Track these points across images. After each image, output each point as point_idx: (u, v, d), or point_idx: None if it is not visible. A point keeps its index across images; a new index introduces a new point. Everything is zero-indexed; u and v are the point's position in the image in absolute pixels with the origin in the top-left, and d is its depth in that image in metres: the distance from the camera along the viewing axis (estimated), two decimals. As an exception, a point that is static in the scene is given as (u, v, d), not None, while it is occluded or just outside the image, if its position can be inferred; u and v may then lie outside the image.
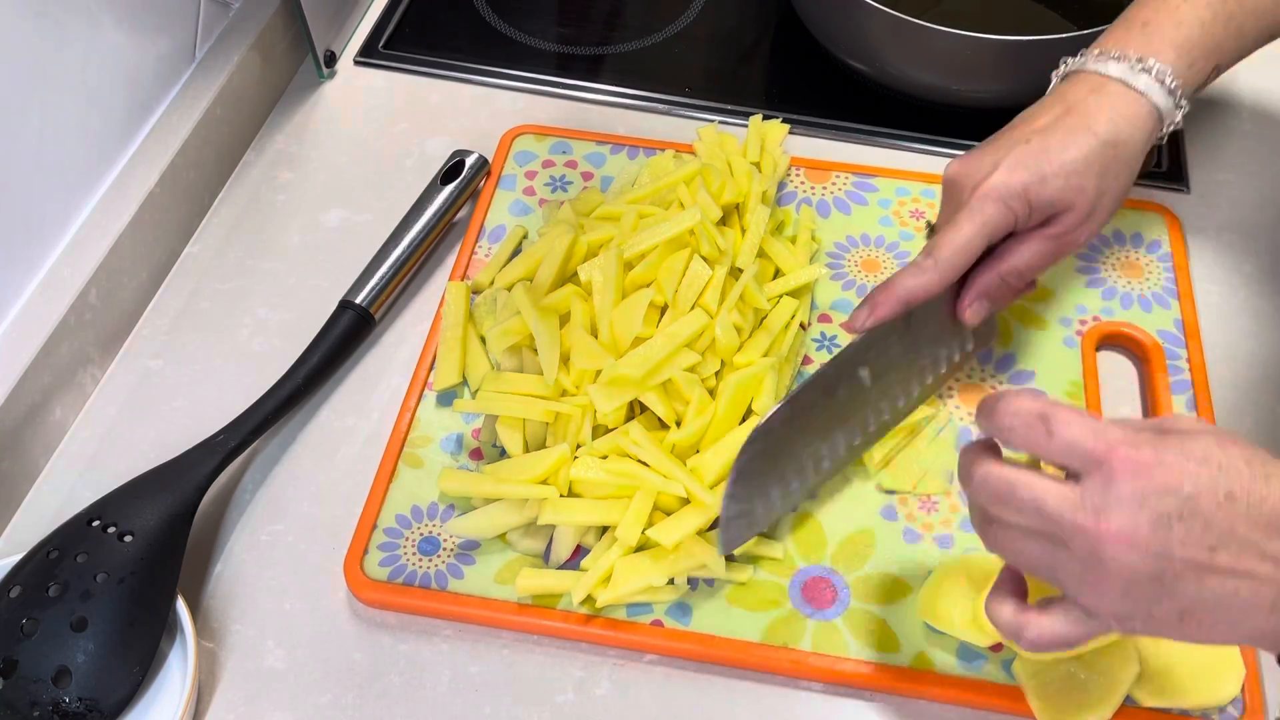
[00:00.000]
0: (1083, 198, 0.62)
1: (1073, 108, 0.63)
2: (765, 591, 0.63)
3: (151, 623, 0.60)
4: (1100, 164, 0.62)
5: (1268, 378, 0.74)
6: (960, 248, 0.61)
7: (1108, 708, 0.58)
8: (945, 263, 0.61)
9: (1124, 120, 0.63)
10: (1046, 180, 0.61)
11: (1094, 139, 0.62)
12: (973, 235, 0.61)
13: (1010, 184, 0.61)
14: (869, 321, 0.62)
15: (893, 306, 0.62)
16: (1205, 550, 0.46)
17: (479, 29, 0.96)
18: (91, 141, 0.73)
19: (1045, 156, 0.61)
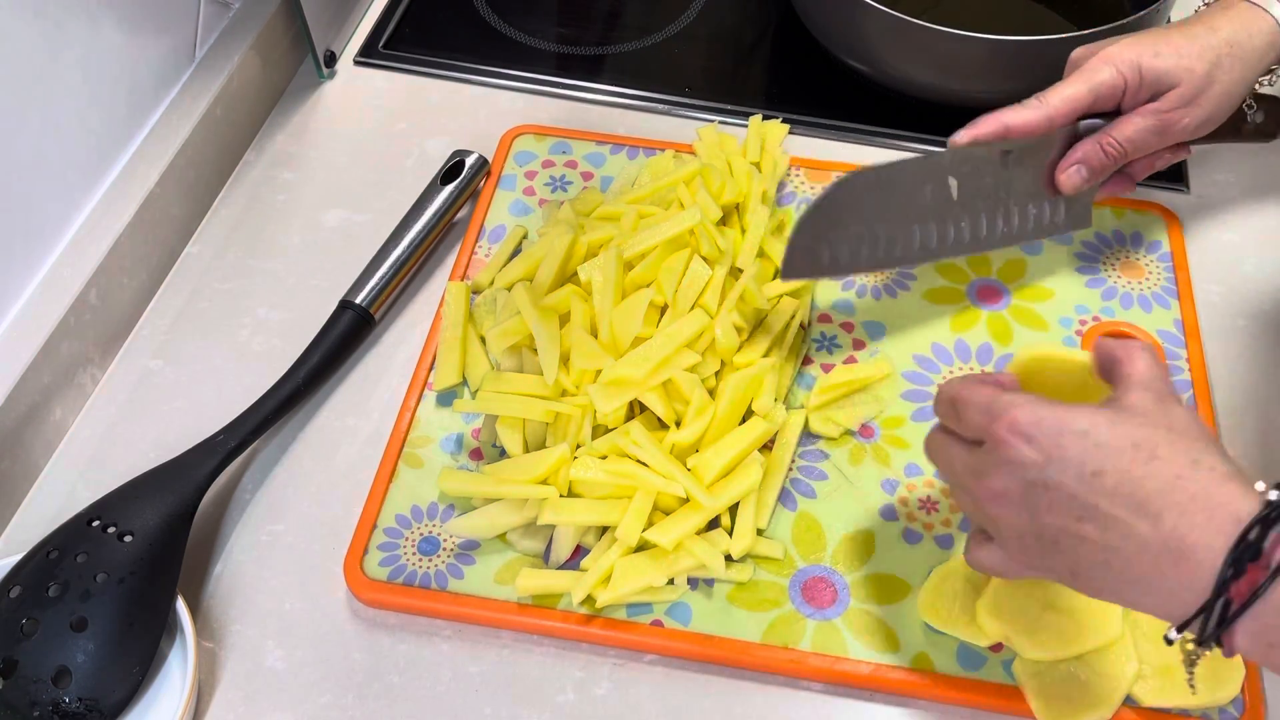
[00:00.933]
0: (1190, 77, 0.67)
1: (1203, 16, 0.69)
2: (765, 591, 0.63)
3: (151, 623, 0.60)
4: (1214, 54, 0.67)
5: (1268, 378, 0.74)
6: (1068, 97, 0.67)
7: (1108, 708, 0.58)
8: (1051, 105, 0.66)
9: (1243, 27, 0.68)
10: (1160, 55, 0.67)
11: (1211, 34, 0.68)
12: (1082, 89, 0.67)
13: (1126, 53, 0.67)
14: (968, 137, 0.67)
15: (993, 129, 0.67)
16: (1073, 520, 0.49)
17: (479, 29, 0.96)
18: (91, 141, 0.73)
19: (1164, 38, 0.67)
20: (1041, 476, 0.49)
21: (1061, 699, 0.59)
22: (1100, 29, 0.80)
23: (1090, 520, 0.48)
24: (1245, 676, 0.59)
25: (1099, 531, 0.48)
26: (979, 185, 0.68)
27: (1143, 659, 0.60)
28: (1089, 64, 0.68)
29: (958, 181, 0.67)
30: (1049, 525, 0.49)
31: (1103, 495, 0.48)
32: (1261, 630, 0.45)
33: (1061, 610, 0.60)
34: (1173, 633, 0.48)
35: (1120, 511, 0.48)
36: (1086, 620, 0.59)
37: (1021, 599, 0.60)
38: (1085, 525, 0.48)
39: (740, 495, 0.64)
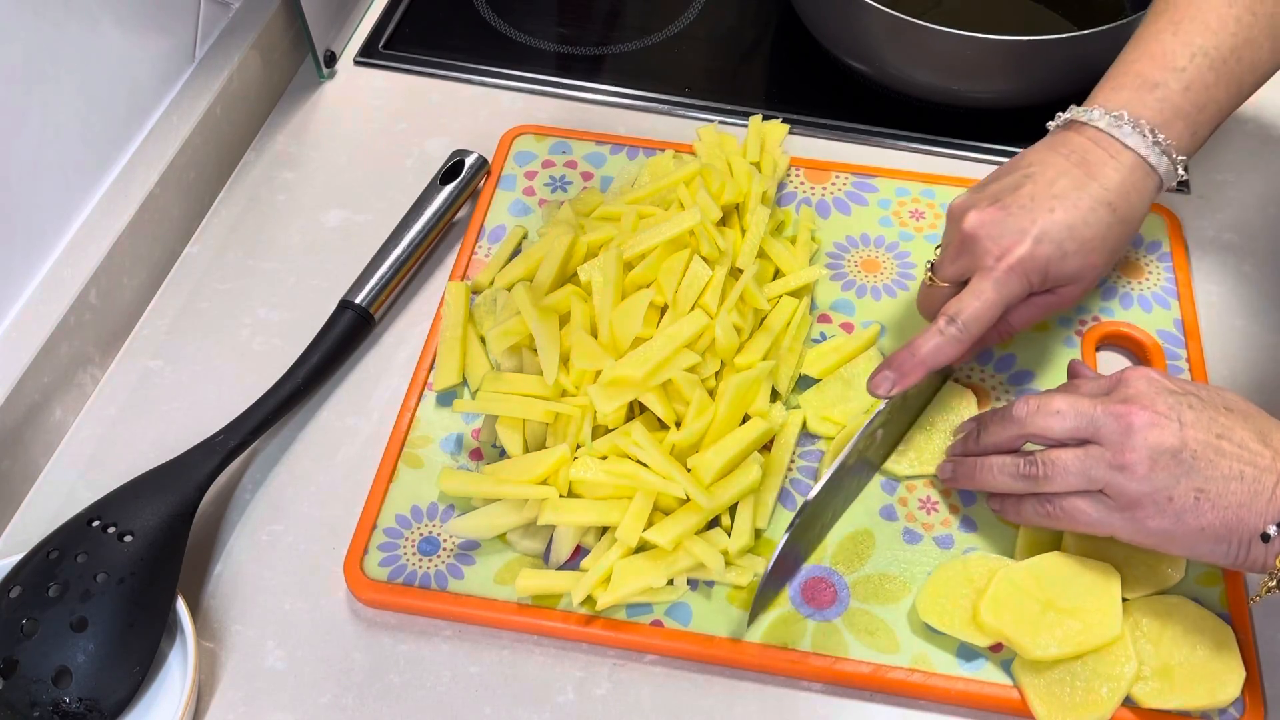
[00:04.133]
0: (1092, 274, 0.65)
1: (1092, 173, 0.64)
2: (765, 591, 0.63)
3: (151, 623, 0.60)
4: (1113, 240, 0.65)
5: (1268, 378, 0.74)
6: (984, 319, 0.63)
7: (1108, 708, 0.58)
8: (970, 330, 0.63)
9: (1135, 194, 0.65)
10: (1067, 257, 0.64)
11: (1111, 214, 0.64)
12: (997, 306, 0.64)
13: (1036, 259, 0.63)
14: (895, 390, 0.64)
15: (919, 373, 0.64)
16: (1213, 436, 0.56)
17: (479, 29, 0.96)
18: (91, 141, 0.73)
19: (1069, 232, 0.63)
20: (1184, 399, 0.57)
21: (1061, 699, 0.59)
22: (1100, 29, 0.80)
23: (1228, 439, 0.56)
24: (1245, 678, 0.59)
25: (1235, 447, 0.56)
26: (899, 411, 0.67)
27: (1143, 659, 0.60)
28: (998, 272, 0.63)
29: (883, 431, 0.66)
30: (1191, 437, 0.56)
31: (1234, 421, 0.57)
32: None
33: (1062, 610, 0.60)
34: (1272, 528, 0.55)
35: (1248, 436, 0.56)
36: (1087, 620, 0.59)
37: (1022, 599, 0.60)
38: (1224, 442, 0.56)
39: (739, 495, 0.64)
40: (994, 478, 0.62)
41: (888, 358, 0.65)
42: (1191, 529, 0.56)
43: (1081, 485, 0.58)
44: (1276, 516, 0.55)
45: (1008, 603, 0.60)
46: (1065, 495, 0.59)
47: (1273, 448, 0.56)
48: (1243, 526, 0.55)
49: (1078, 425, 0.58)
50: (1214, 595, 0.63)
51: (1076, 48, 0.82)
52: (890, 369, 0.64)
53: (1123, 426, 0.57)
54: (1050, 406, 0.60)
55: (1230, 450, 0.56)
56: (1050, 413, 0.59)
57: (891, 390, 0.64)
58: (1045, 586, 0.61)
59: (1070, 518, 0.60)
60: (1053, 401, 0.60)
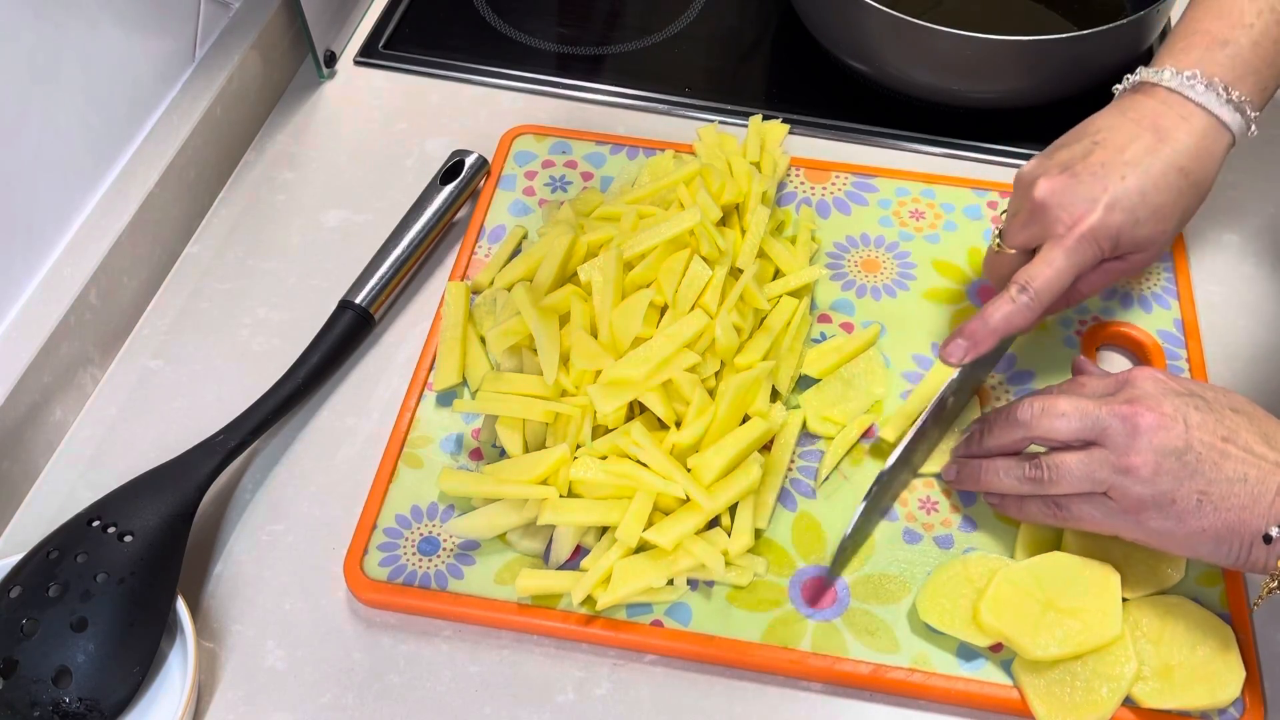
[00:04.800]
0: (1164, 239, 0.65)
1: (1163, 137, 0.63)
2: (765, 591, 0.63)
3: (151, 623, 0.60)
4: (1185, 204, 0.64)
5: (1268, 378, 0.74)
6: (1057, 284, 0.63)
7: (1108, 708, 0.58)
8: (1042, 298, 0.63)
9: (1208, 156, 0.64)
10: (1140, 224, 0.63)
11: (1183, 179, 0.63)
12: (1069, 272, 0.63)
13: (1109, 226, 0.62)
14: (969, 356, 0.64)
15: (992, 340, 0.64)
16: (1219, 439, 0.56)
17: (479, 29, 0.96)
18: (91, 141, 0.73)
19: (1141, 198, 0.62)
20: (1190, 401, 0.57)
21: (1061, 699, 0.59)
22: (1100, 29, 0.80)
23: (1233, 441, 0.56)
24: (1245, 678, 0.59)
25: (1240, 450, 0.56)
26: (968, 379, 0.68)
27: (1143, 659, 0.60)
28: (1070, 240, 0.62)
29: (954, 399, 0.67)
30: (1197, 439, 0.56)
31: (1240, 423, 0.57)
32: None
33: (1062, 610, 0.60)
34: (1274, 529, 0.55)
35: (1254, 438, 0.56)
36: (1087, 620, 0.59)
37: (1022, 599, 0.60)
38: (1229, 445, 0.56)
39: (739, 495, 0.64)
40: (999, 480, 0.62)
41: (960, 326, 0.64)
42: (1193, 530, 0.56)
43: (1086, 488, 0.58)
44: (1278, 519, 0.55)
45: (1008, 603, 0.60)
46: (1069, 496, 0.60)
47: (1277, 450, 0.56)
48: (1245, 528, 0.55)
49: (1082, 427, 0.58)
50: (1214, 595, 0.63)
51: (1076, 48, 0.82)
52: (963, 337, 0.64)
53: (1128, 429, 0.57)
54: (1055, 409, 0.59)
55: (1235, 453, 0.56)
56: (1055, 415, 0.59)
57: (965, 358, 0.64)
58: (1045, 586, 0.61)
59: (1074, 518, 0.60)
60: (1057, 404, 0.59)
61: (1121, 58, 0.86)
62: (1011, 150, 0.86)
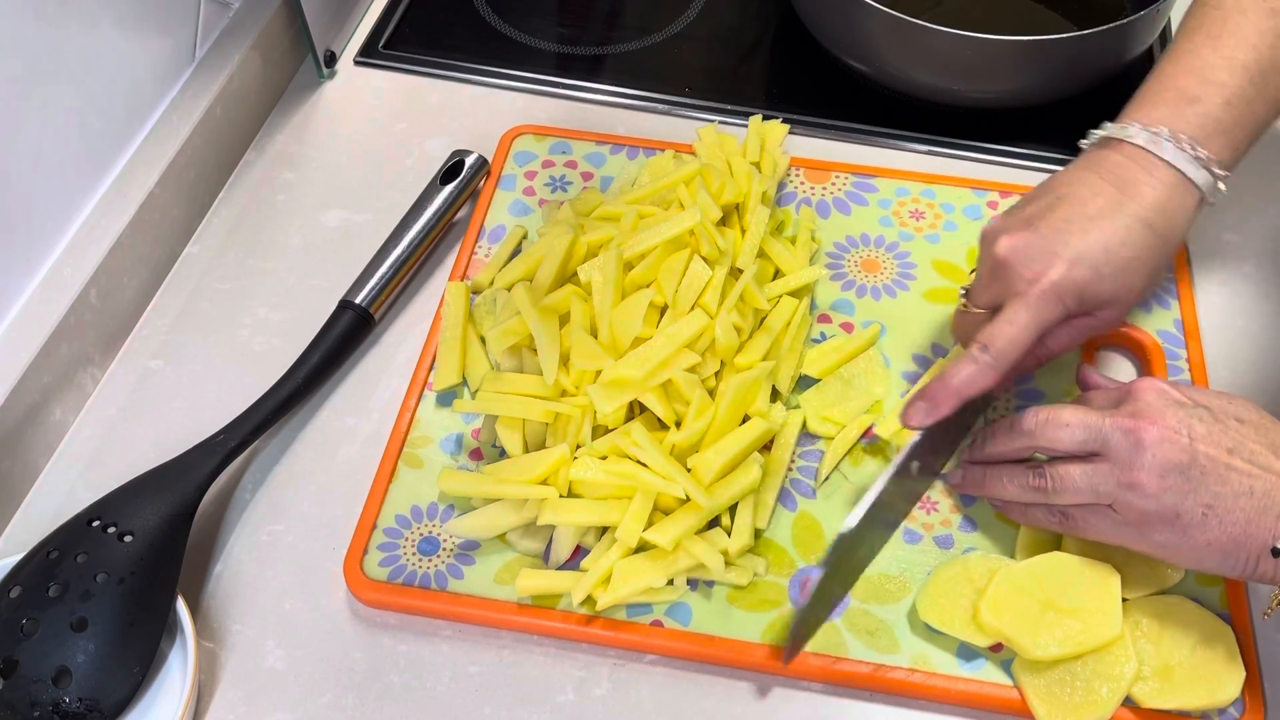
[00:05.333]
0: (1131, 295, 0.63)
1: (1129, 193, 0.62)
2: (765, 591, 0.63)
3: (151, 623, 0.60)
4: (1151, 260, 0.62)
5: (1268, 378, 0.74)
6: (1019, 345, 0.61)
7: (1108, 708, 0.58)
8: (1003, 359, 0.61)
9: (1175, 212, 0.63)
10: (1104, 280, 0.61)
11: (1148, 233, 0.62)
12: (1031, 332, 0.61)
13: (1072, 281, 0.61)
14: (929, 419, 0.62)
15: (953, 403, 0.62)
16: (1224, 451, 0.56)
17: (479, 29, 0.96)
18: (91, 141, 0.73)
19: (1105, 255, 0.61)
20: (1195, 412, 0.57)
21: (1061, 699, 0.59)
22: (1100, 29, 0.80)
23: (1238, 453, 0.56)
24: (1245, 678, 0.59)
25: (1245, 462, 0.55)
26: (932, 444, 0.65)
27: (1143, 659, 0.60)
28: (1031, 297, 0.61)
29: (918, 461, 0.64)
30: (1201, 453, 0.55)
31: (1246, 434, 0.56)
32: None
33: (1062, 610, 0.60)
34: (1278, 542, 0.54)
35: (1260, 448, 0.56)
36: (1087, 620, 0.59)
37: (1022, 599, 0.60)
38: (1234, 458, 0.56)
39: (739, 495, 0.64)
40: (1003, 487, 0.62)
41: (921, 389, 0.63)
42: (1199, 544, 0.56)
43: (1089, 500, 0.58)
44: None
45: (1008, 603, 0.60)
46: (1074, 505, 0.59)
47: None
48: (1251, 541, 0.55)
49: (1086, 439, 0.58)
50: (1214, 595, 0.63)
51: (1076, 48, 0.82)
52: (924, 400, 0.62)
53: (1132, 443, 0.56)
54: (1060, 419, 0.59)
55: (1240, 465, 0.55)
56: (1059, 425, 0.59)
57: (925, 420, 0.62)
58: (1045, 586, 0.61)
59: (1079, 527, 0.60)
60: (1061, 414, 0.59)
61: (1121, 58, 0.86)
62: (1011, 150, 0.86)
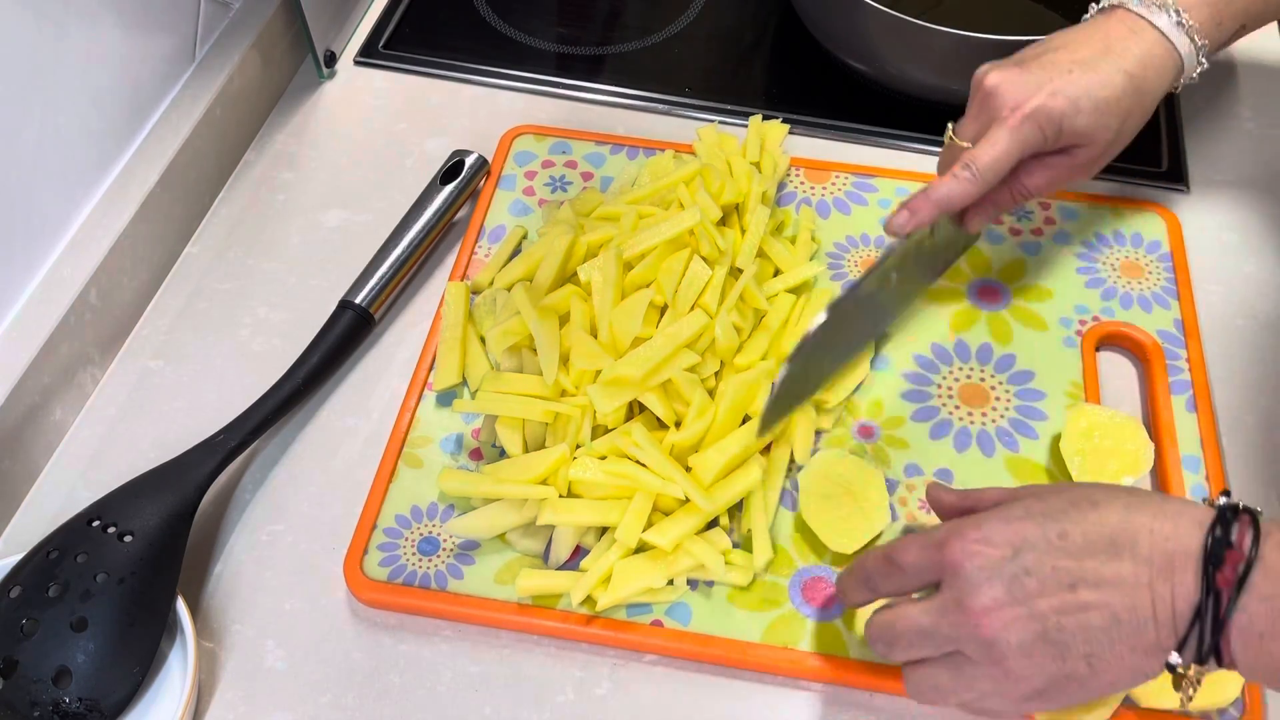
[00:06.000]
0: (1105, 134, 0.67)
1: (1112, 46, 0.67)
2: (765, 591, 0.63)
3: (151, 623, 0.60)
4: (1126, 106, 0.67)
5: (1268, 377, 0.74)
6: (999, 163, 0.65)
7: (1108, 708, 0.58)
8: (984, 175, 0.65)
9: (1154, 70, 0.67)
10: (1081, 113, 0.65)
11: (1128, 81, 0.66)
12: (1012, 152, 0.65)
13: (1051, 109, 0.65)
14: (909, 226, 0.66)
15: (932, 213, 0.66)
16: (1067, 591, 0.49)
17: (479, 29, 0.96)
18: (92, 141, 0.73)
19: (1085, 91, 0.65)
20: (1017, 565, 0.50)
21: (1061, 699, 0.59)
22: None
23: (1082, 583, 0.49)
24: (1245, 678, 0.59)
25: (1094, 590, 0.49)
26: (915, 262, 0.70)
27: (1142, 659, 0.60)
28: (1012, 120, 0.65)
29: (898, 275, 0.69)
30: (1048, 612, 0.49)
31: (1078, 553, 0.49)
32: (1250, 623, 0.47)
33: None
34: (1174, 656, 0.48)
35: (1100, 560, 0.49)
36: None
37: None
38: (1080, 591, 0.49)
39: (739, 496, 0.64)
40: None
41: (905, 199, 0.67)
42: (1106, 684, 0.51)
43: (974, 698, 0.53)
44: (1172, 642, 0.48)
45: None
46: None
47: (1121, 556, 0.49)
48: (1152, 658, 0.49)
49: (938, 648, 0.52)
50: (1214, 595, 0.63)
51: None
52: (906, 208, 0.66)
53: (980, 641, 0.50)
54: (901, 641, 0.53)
55: (1090, 598, 0.49)
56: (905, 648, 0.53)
57: (906, 227, 0.66)
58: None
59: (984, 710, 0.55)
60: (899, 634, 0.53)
61: (1121, 58, 0.86)
62: (1011, 150, 0.86)
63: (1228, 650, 0.47)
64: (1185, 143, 0.87)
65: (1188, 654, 0.48)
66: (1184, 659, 0.48)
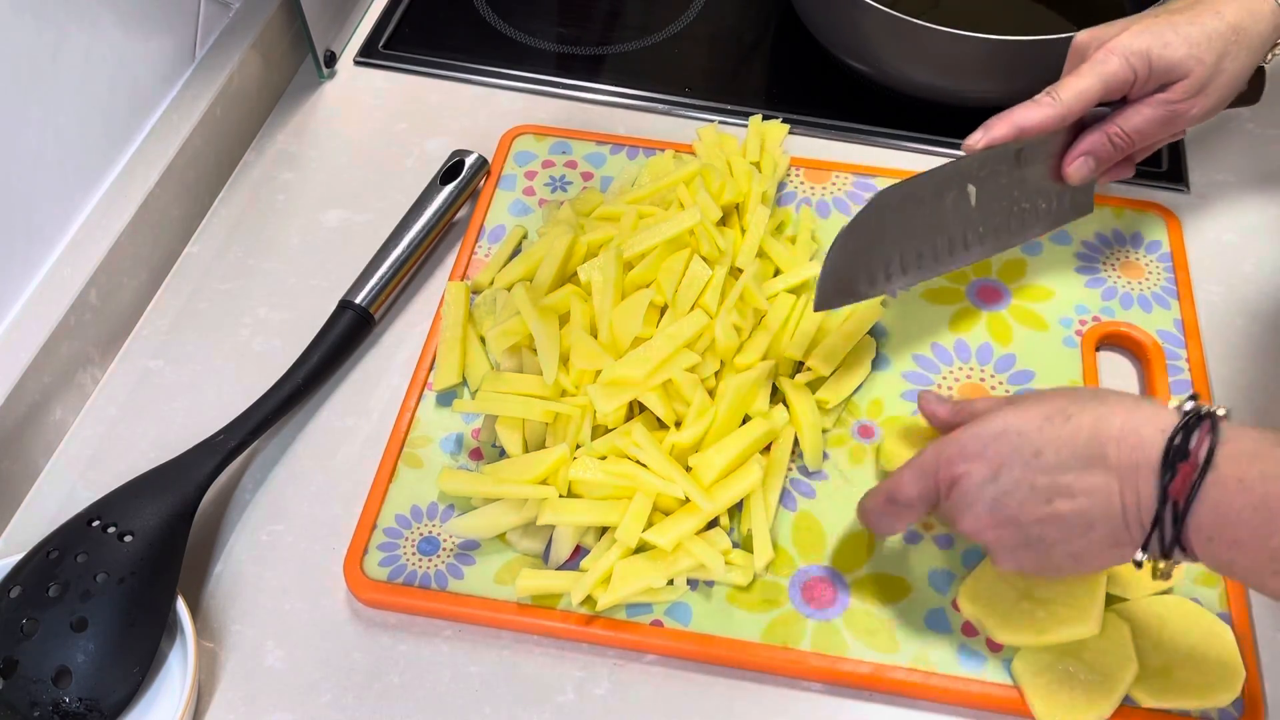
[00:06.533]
0: (1200, 68, 0.67)
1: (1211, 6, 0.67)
2: (765, 591, 0.63)
3: (151, 623, 0.60)
4: (1221, 43, 0.67)
5: (1268, 377, 0.74)
6: (1080, 92, 0.66)
7: (1108, 708, 0.58)
8: (1064, 101, 0.66)
9: (1248, 12, 0.68)
10: (1169, 46, 0.66)
11: (1219, 20, 0.67)
12: (1093, 82, 0.66)
13: (1135, 43, 0.66)
14: (983, 142, 0.67)
15: (1006, 131, 0.66)
16: (1044, 505, 0.53)
17: (479, 29, 0.96)
18: (92, 141, 0.73)
19: (1171, 27, 0.66)
20: (997, 486, 0.54)
21: (1061, 699, 0.59)
22: (1100, 29, 0.80)
23: (1058, 495, 0.53)
24: (1245, 678, 0.59)
25: (1069, 501, 0.53)
26: (995, 187, 0.69)
27: (1143, 659, 0.60)
28: (1097, 55, 0.67)
29: (975, 188, 0.68)
30: (1030, 523, 0.54)
31: (1052, 469, 0.53)
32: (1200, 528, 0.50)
33: (1036, 600, 0.61)
34: (1139, 554, 0.52)
35: (1073, 475, 0.52)
36: (1061, 612, 0.60)
37: (1000, 586, 0.62)
38: (1057, 502, 0.53)
39: (739, 496, 0.64)
40: None
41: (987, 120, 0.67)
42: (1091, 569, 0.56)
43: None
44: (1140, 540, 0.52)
45: (986, 588, 0.62)
46: None
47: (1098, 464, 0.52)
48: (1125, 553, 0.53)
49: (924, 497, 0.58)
50: (1214, 595, 0.63)
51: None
52: (984, 126, 0.67)
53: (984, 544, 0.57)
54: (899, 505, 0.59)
55: (1066, 509, 0.53)
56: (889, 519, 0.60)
57: (981, 142, 0.66)
58: (1027, 577, 0.62)
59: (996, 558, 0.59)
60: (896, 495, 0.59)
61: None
62: (1011, 150, 0.86)
63: (1190, 549, 0.51)
64: (1185, 143, 0.87)
65: (1153, 550, 0.52)
66: (1150, 554, 0.52)
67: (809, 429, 0.68)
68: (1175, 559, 0.52)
